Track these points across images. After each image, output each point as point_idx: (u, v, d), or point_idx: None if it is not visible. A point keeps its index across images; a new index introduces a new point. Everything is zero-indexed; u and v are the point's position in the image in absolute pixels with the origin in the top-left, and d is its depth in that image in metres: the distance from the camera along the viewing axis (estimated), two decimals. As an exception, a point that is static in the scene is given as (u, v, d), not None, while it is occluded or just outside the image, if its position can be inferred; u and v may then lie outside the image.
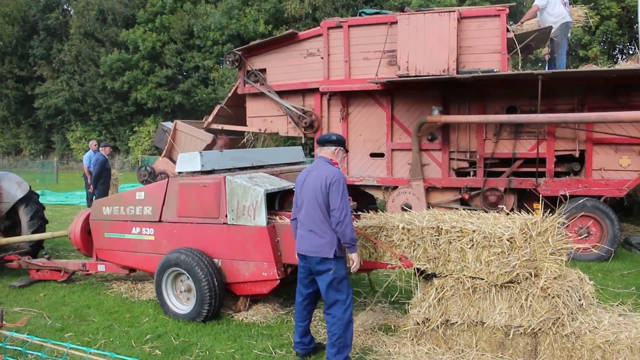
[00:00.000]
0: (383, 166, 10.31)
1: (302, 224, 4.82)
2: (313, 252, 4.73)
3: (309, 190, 4.76)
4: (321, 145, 5.02)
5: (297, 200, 4.95)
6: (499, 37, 9.14)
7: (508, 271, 4.52)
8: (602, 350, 4.30)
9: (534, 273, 4.51)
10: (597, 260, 8.64)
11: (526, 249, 4.49)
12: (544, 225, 4.56)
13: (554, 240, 4.56)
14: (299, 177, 4.99)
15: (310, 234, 4.74)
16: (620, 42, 24.84)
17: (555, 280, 4.49)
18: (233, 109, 11.93)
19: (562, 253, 4.62)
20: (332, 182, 4.65)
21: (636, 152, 8.75)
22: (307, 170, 4.96)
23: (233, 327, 5.89)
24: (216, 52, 29.15)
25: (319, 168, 4.83)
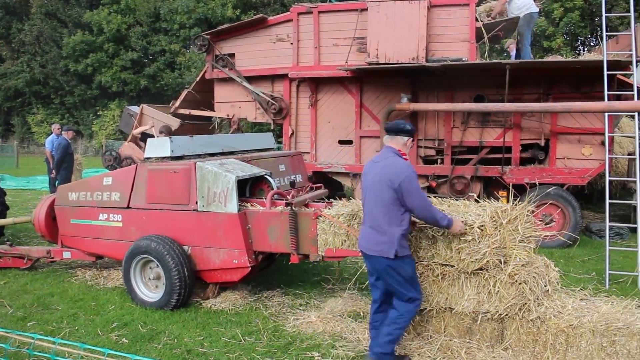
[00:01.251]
0: (351, 153, 10.34)
1: (366, 219, 4.51)
2: (373, 251, 4.39)
3: (373, 184, 4.40)
4: (392, 134, 4.52)
5: (361, 193, 4.64)
6: (467, 26, 9.22)
7: (478, 258, 4.57)
8: (566, 334, 4.42)
9: (503, 260, 4.59)
10: (559, 247, 8.85)
11: (496, 237, 4.56)
12: (514, 213, 4.63)
13: (524, 228, 4.64)
14: (365, 168, 4.61)
15: (370, 231, 4.43)
16: (582, 34, 25.35)
17: (522, 267, 4.58)
18: (201, 94, 11.79)
19: (531, 240, 4.70)
20: (403, 180, 4.23)
21: (597, 142, 8.96)
22: (372, 162, 4.59)
23: (201, 314, 5.85)
24: (183, 35, 28.71)
25: (386, 160, 4.42)
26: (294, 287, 6.77)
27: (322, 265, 7.64)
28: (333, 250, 5.41)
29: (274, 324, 5.57)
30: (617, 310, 4.56)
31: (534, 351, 4.56)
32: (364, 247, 4.50)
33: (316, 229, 5.47)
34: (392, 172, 4.30)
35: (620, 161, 11.43)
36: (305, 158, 9.86)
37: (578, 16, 22.64)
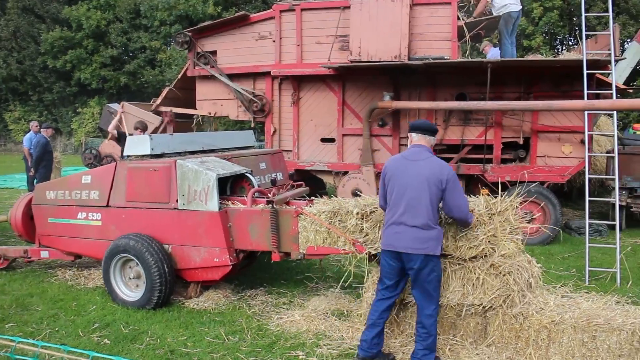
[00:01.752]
0: (334, 151, 10.32)
1: (401, 218, 4.39)
2: (417, 249, 4.32)
3: (417, 181, 4.36)
4: (424, 134, 4.60)
5: (391, 192, 4.50)
6: (449, 24, 9.25)
7: (476, 244, 4.66)
8: (548, 330, 4.46)
9: (496, 250, 4.67)
10: (540, 244, 8.94)
11: (491, 225, 4.65)
12: (504, 205, 4.69)
13: (513, 218, 4.70)
14: (394, 165, 4.55)
15: (412, 230, 4.34)
16: (561, 33, 25.59)
17: (506, 258, 4.63)
18: (182, 92, 11.69)
19: (519, 232, 4.75)
20: (449, 178, 4.34)
21: (577, 140, 9.05)
22: (404, 159, 4.54)
23: (184, 314, 5.80)
24: (164, 32, 28.43)
25: (428, 159, 4.46)
26: (277, 286, 6.75)
27: (304, 263, 7.62)
28: (314, 248, 5.39)
29: (257, 323, 5.54)
30: (597, 307, 4.62)
31: (517, 347, 4.59)
32: (403, 246, 4.37)
33: (297, 227, 5.45)
34: (439, 171, 4.37)
35: (599, 159, 11.57)
36: (287, 156, 9.85)
37: (557, 16, 22.85)
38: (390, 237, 4.46)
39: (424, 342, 4.44)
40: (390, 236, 4.46)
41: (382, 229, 4.61)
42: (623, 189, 9.67)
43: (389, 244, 4.46)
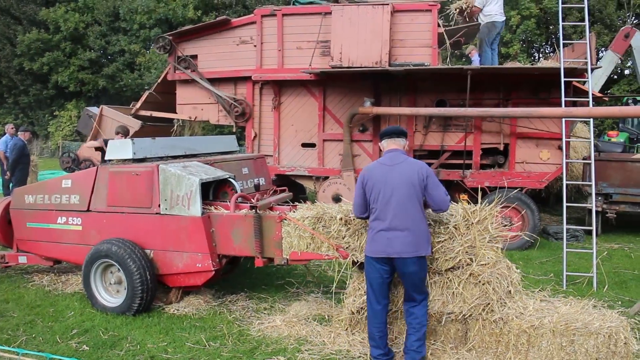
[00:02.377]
0: (314, 156, 10.34)
1: (392, 224, 4.40)
2: (411, 252, 4.37)
3: (402, 185, 4.42)
4: (396, 137, 4.69)
5: (375, 199, 4.49)
6: (430, 31, 9.34)
7: (452, 257, 4.71)
8: (528, 335, 4.53)
9: (474, 259, 4.71)
10: (519, 249, 9.06)
11: (468, 236, 4.69)
12: (483, 214, 4.75)
13: (492, 228, 4.76)
14: (373, 173, 4.57)
15: (405, 233, 4.38)
16: (538, 41, 26.00)
17: (485, 267, 4.68)
18: (162, 96, 11.63)
19: (498, 240, 4.82)
20: (428, 174, 4.47)
21: (555, 147, 9.20)
22: (382, 165, 4.58)
23: (164, 319, 5.77)
24: (143, 36, 28.23)
25: (405, 161, 4.55)
26: (258, 291, 6.74)
27: (285, 268, 7.62)
28: (298, 253, 5.40)
29: (238, 328, 5.53)
30: (575, 311, 4.70)
31: (497, 352, 4.65)
32: (397, 252, 4.38)
33: (281, 232, 5.46)
34: (418, 169, 4.48)
35: (575, 165, 11.76)
36: (268, 161, 9.84)
37: (534, 24, 23.21)
38: (381, 244, 4.43)
39: (418, 333, 4.52)
40: (381, 243, 4.43)
41: (369, 237, 4.55)
42: (599, 194, 9.84)
43: (381, 250, 4.44)
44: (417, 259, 4.40)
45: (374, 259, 4.50)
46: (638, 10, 23.53)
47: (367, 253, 4.57)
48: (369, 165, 4.82)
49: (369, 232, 4.58)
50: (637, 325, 5.57)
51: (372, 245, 4.51)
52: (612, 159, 10.33)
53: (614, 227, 10.66)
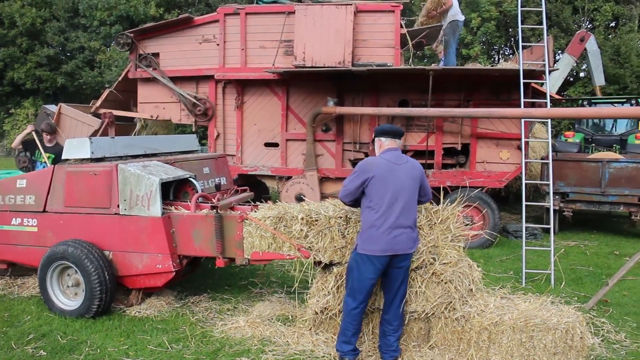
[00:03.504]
0: (277, 156, 10.31)
1: (399, 221, 4.43)
2: (412, 248, 4.53)
3: (409, 183, 4.52)
4: (394, 137, 4.71)
5: (381, 195, 4.45)
6: (393, 32, 9.40)
7: (417, 257, 4.77)
8: (489, 332, 4.60)
9: (436, 259, 4.77)
10: (479, 247, 9.20)
11: (431, 236, 4.76)
12: (445, 213, 4.83)
13: (454, 227, 4.84)
14: (380, 169, 4.51)
15: (408, 230, 4.48)
16: (497, 43, 26.49)
17: (448, 266, 4.74)
18: (123, 94, 11.42)
19: (460, 240, 4.90)
20: (423, 172, 4.69)
21: (514, 147, 9.37)
22: (390, 162, 4.55)
23: (125, 322, 5.66)
24: (103, 33, 27.68)
25: (409, 161, 4.66)
26: (221, 292, 6.68)
27: (249, 268, 7.57)
28: (260, 253, 5.37)
29: (201, 330, 5.47)
30: (534, 307, 4.80)
31: (459, 349, 4.72)
32: (403, 248, 4.46)
33: (242, 232, 5.42)
34: (419, 168, 4.66)
35: (534, 165, 12.01)
36: (231, 160, 9.77)
37: (494, 26, 23.63)
38: (386, 242, 4.41)
39: (397, 334, 4.67)
40: (386, 241, 4.41)
41: (370, 235, 4.46)
42: (556, 193, 10.07)
43: (388, 248, 4.42)
44: (411, 254, 4.60)
45: (376, 257, 4.43)
46: (592, 15, 24.21)
47: (368, 252, 4.45)
48: (372, 159, 4.75)
49: (368, 230, 4.48)
50: (592, 319, 5.73)
51: (376, 244, 4.43)
52: (568, 158, 10.60)
53: (570, 225, 10.95)
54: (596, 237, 10.52)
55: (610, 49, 23.36)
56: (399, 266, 4.52)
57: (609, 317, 5.92)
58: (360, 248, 4.51)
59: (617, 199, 10.06)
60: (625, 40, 23.46)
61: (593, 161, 10.27)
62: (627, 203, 10.06)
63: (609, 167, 10.01)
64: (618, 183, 9.98)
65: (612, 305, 6.35)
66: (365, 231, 4.52)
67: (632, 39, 23.72)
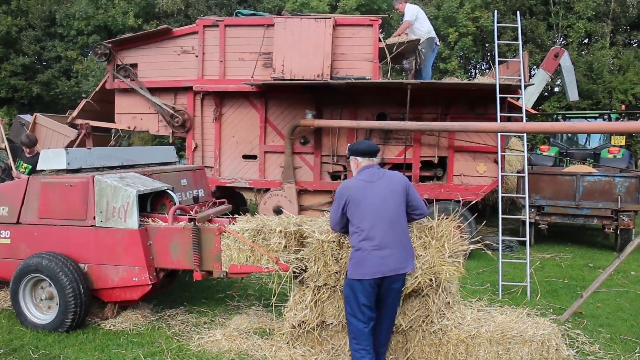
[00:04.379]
0: (255, 168, 10.29)
1: (384, 241, 4.27)
2: (402, 268, 4.34)
3: (388, 199, 4.35)
4: (372, 157, 4.55)
5: (361, 217, 4.32)
6: (371, 46, 9.47)
7: (412, 282, 4.63)
8: (466, 344, 4.63)
9: (434, 278, 4.68)
10: (456, 261, 9.24)
11: (426, 257, 4.67)
12: (439, 230, 4.73)
13: (450, 244, 4.74)
14: (355, 191, 4.39)
15: (398, 249, 4.31)
16: (474, 58, 26.88)
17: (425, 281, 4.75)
18: (100, 104, 11.30)
19: (459, 255, 4.80)
20: (408, 184, 4.51)
21: (491, 160, 9.47)
22: (364, 182, 4.43)
23: (100, 335, 5.58)
24: (80, 42, 27.45)
25: (385, 174, 4.50)
26: (198, 305, 6.62)
27: (226, 281, 7.52)
28: (238, 266, 5.35)
29: (177, 343, 5.42)
30: (510, 320, 4.85)
31: (436, 361, 4.72)
32: (390, 269, 4.27)
33: (220, 245, 5.40)
34: (399, 180, 4.49)
35: (510, 178, 12.15)
36: (209, 172, 9.72)
37: (471, 41, 23.99)
38: (375, 264, 4.25)
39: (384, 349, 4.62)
40: (375, 263, 4.25)
41: (358, 258, 4.32)
42: (532, 206, 10.19)
43: (376, 271, 4.25)
44: (404, 274, 4.40)
45: (367, 280, 4.26)
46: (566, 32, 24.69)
47: (357, 276, 4.30)
48: (347, 182, 4.67)
49: (356, 254, 4.33)
50: (567, 331, 5.79)
51: (364, 267, 4.28)
52: (544, 172, 10.76)
53: (545, 237, 11.07)
54: (571, 249, 10.66)
55: (584, 65, 23.84)
56: (390, 287, 4.34)
57: (584, 329, 5.99)
58: (350, 273, 4.38)
59: (591, 211, 10.22)
60: (598, 57, 23.97)
61: (567, 175, 10.44)
62: (600, 216, 10.23)
63: (583, 181, 10.17)
64: (592, 196, 10.14)
65: (586, 317, 6.43)
66: (352, 255, 4.39)
67: (604, 56, 24.25)
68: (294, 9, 22.13)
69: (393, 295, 4.41)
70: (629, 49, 26.69)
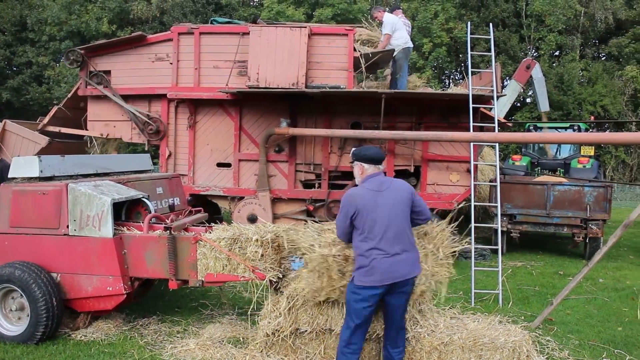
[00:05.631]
0: (230, 176, 10.27)
1: (394, 249, 4.27)
2: (414, 273, 4.38)
3: (397, 209, 4.35)
4: (378, 164, 4.54)
5: (371, 226, 4.29)
6: (346, 55, 9.55)
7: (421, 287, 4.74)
8: (439, 352, 4.68)
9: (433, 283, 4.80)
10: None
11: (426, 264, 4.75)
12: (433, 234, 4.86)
13: (444, 247, 4.86)
14: (364, 200, 4.34)
15: (406, 255, 4.32)
16: (448, 68, 27.23)
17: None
18: (72, 111, 11.17)
19: (449, 257, 4.93)
20: (413, 191, 4.53)
21: (464, 169, 9.60)
22: (373, 192, 4.38)
23: (70, 346, 5.49)
24: (52, 48, 27.13)
25: (392, 183, 4.48)
26: (171, 314, 6.57)
27: (200, 290, 7.49)
28: (214, 275, 5.33)
29: (150, 353, 5.36)
30: (482, 327, 4.91)
31: (410, 369, 4.76)
32: (402, 274, 4.29)
33: (196, 254, 5.38)
34: (406, 188, 4.50)
35: (483, 187, 12.32)
36: (183, 180, 9.66)
37: (445, 52, 24.33)
38: (386, 271, 4.24)
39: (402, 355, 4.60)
40: (386, 269, 4.24)
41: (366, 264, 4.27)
42: (504, 215, 10.34)
43: (387, 277, 4.25)
44: (413, 278, 4.43)
45: (376, 287, 4.26)
46: (537, 44, 25.19)
47: (367, 283, 4.27)
48: (354, 191, 4.52)
49: (365, 261, 4.28)
50: (537, 338, 5.89)
51: (375, 274, 4.25)
52: (515, 181, 10.93)
53: (517, 245, 11.23)
54: (542, 257, 10.84)
55: (554, 77, 24.35)
56: (399, 291, 4.36)
57: (554, 335, 6.10)
58: (357, 280, 4.33)
59: (561, 220, 10.41)
60: (568, 69, 24.51)
61: (539, 184, 10.62)
62: (570, 224, 10.42)
63: (554, 190, 10.36)
64: (562, 205, 10.34)
65: (556, 324, 6.54)
66: (360, 262, 4.33)
67: (574, 68, 24.80)
68: (270, 18, 22.22)
69: (402, 299, 4.44)
70: (597, 62, 27.36)
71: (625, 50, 25.71)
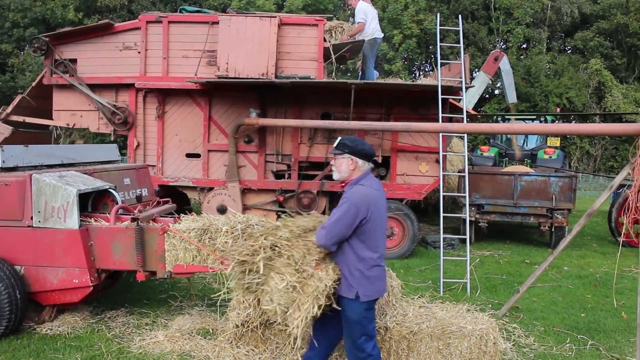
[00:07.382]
0: (199, 167, 10.18)
1: (381, 256, 3.94)
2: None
3: (385, 212, 4.02)
4: (368, 160, 3.98)
5: (375, 229, 3.84)
6: (316, 45, 9.52)
7: None
8: (408, 340, 4.73)
9: None
10: (399, 258, 9.43)
11: None
12: None
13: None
14: (375, 201, 3.84)
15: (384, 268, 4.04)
16: (418, 59, 27.38)
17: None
18: (37, 100, 10.91)
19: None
20: None
21: (433, 160, 9.69)
22: (376, 191, 3.91)
23: (35, 340, 5.40)
24: (16, 35, 26.44)
25: (380, 186, 4.00)
26: (140, 306, 6.51)
27: (169, 282, 7.43)
28: (184, 266, 5.29)
29: (118, 346, 5.31)
30: (450, 315, 4.98)
31: (379, 358, 4.79)
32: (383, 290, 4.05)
33: (164, 245, 5.33)
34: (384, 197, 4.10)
35: (452, 178, 12.46)
36: (151, 171, 9.55)
37: (415, 43, 24.46)
38: (381, 281, 3.96)
39: None
40: (380, 279, 3.95)
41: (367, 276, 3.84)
42: (472, 205, 10.47)
43: (382, 287, 4.00)
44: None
45: (374, 301, 3.98)
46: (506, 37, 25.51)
47: (375, 296, 3.93)
48: (365, 191, 3.85)
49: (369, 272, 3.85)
50: (504, 325, 6.01)
51: (376, 286, 3.91)
52: (484, 172, 11.09)
53: (485, 235, 11.41)
54: (509, 246, 11.03)
55: (522, 69, 24.69)
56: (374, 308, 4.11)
57: (520, 323, 6.23)
58: (363, 295, 3.82)
59: (528, 210, 10.59)
60: (535, 61, 24.89)
61: (506, 174, 10.79)
62: (536, 214, 10.61)
63: (521, 180, 10.54)
64: (529, 195, 10.51)
65: (522, 311, 6.68)
66: (368, 275, 3.84)
67: (541, 60, 25.20)
68: (240, 7, 22.05)
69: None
70: (563, 55, 27.84)
71: (590, 44, 26.24)
